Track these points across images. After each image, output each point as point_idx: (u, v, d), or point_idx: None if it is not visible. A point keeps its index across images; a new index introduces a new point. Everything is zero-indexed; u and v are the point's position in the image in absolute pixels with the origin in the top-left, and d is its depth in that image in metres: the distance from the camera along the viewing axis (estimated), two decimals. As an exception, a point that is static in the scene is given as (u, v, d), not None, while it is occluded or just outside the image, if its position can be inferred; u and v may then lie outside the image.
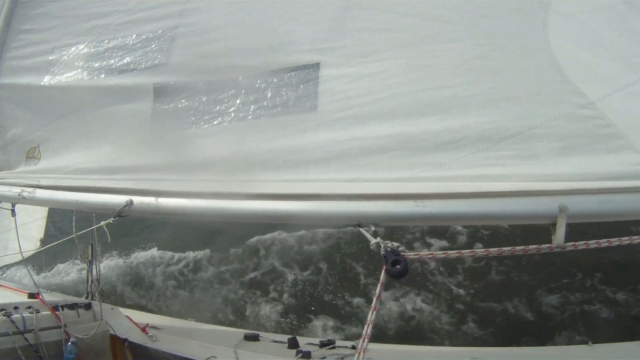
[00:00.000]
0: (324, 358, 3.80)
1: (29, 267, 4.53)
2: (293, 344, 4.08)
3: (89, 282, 5.28)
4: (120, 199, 3.50)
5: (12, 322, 3.93)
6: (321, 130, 3.04)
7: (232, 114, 3.40)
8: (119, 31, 4.17)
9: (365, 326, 2.43)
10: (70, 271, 10.51)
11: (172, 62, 3.80)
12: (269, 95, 3.31)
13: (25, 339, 3.93)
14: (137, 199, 3.43)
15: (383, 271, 2.39)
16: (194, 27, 3.83)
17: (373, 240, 2.53)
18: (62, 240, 4.63)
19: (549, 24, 2.81)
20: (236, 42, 3.62)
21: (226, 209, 3.12)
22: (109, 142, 3.93)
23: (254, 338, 4.32)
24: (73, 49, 4.31)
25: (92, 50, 4.21)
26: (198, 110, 3.56)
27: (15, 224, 4.52)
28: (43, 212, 6.94)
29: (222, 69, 3.58)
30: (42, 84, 4.34)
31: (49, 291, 5.14)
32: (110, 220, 3.61)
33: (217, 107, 3.47)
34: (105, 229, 3.68)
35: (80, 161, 3.98)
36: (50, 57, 4.39)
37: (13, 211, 4.40)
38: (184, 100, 3.66)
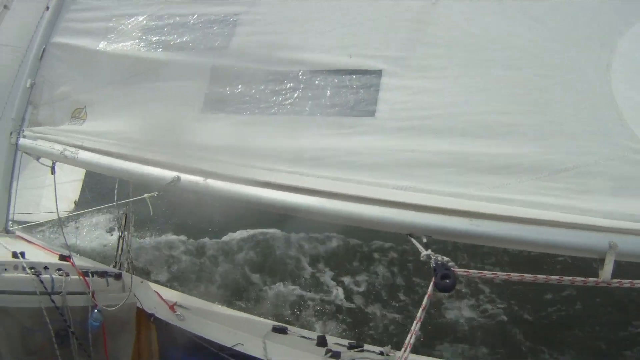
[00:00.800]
0: None
1: (62, 228, 4.54)
2: (322, 342, 4.09)
3: (119, 252, 5.27)
4: (167, 174, 3.58)
5: (41, 282, 3.98)
6: (378, 136, 3.09)
7: (289, 107, 3.46)
8: (180, 9, 4.24)
9: (409, 336, 2.48)
10: (100, 239, 10.48)
11: (232, 46, 3.85)
12: (328, 94, 3.36)
13: (52, 300, 3.97)
14: (185, 176, 3.52)
15: (432, 284, 2.44)
16: (257, 16, 3.88)
17: (424, 252, 2.58)
18: (103, 206, 4.66)
19: (612, 65, 2.86)
20: (299, 38, 3.67)
21: (273, 199, 3.18)
22: (159, 116, 3.99)
23: (282, 331, 4.33)
24: (132, 19, 4.39)
25: (152, 23, 4.28)
26: (254, 97, 3.61)
27: (54, 182, 4.53)
28: (80, 174, 6.93)
29: (283, 61, 3.62)
30: (97, 48, 4.43)
31: (80, 255, 5.15)
32: (155, 193, 3.68)
33: (274, 98, 3.52)
34: (148, 202, 3.73)
35: (126, 129, 4.05)
36: (108, 24, 4.48)
37: (53, 169, 4.48)
38: (240, 86, 3.71)
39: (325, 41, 3.57)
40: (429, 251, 2.58)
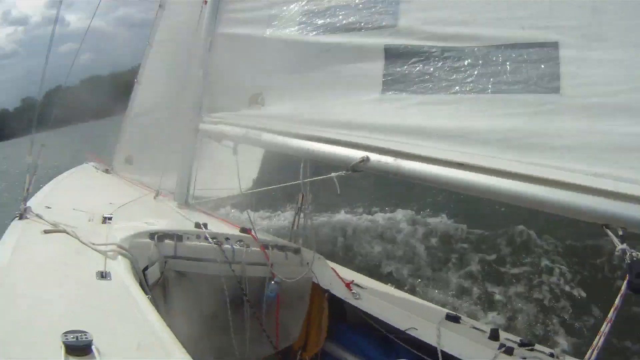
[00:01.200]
0: (524, 359, 3.72)
1: (245, 203, 4.97)
2: (494, 336, 4.02)
3: (294, 228, 5.49)
4: (356, 154, 3.75)
5: (222, 251, 4.23)
6: (565, 115, 3.02)
7: (471, 85, 3.47)
8: None
9: (597, 337, 2.40)
10: (279, 217, 10.99)
11: (400, 25, 3.88)
12: (508, 69, 3.34)
13: (232, 269, 4.22)
14: (374, 156, 3.66)
15: (625, 282, 2.29)
16: (419, -8, 3.89)
17: (619, 246, 2.41)
18: (283, 184, 4.92)
19: None
20: (467, 12, 3.65)
21: (469, 181, 3.23)
22: (337, 98, 4.18)
23: (456, 320, 4.31)
24: (293, 4, 4.59)
25: (314, 7, 4.45)
26: (434, 76, 3.65)
27: (237, 162, 4.90)
28: (259, 155, 7.44)
29: (455, 36, 3.62)
30: (264, 36, 4.68)
31: (260, 229, 5.45)
32: (342, 172, 3.87)
33: (454, 76, 3.55)
34: (335, 181, 3.93)
35: (308, 112, 4.30)
36: (270, 12, 4.70)
37: (235, 149, 4.86)
38: (417, 65, 3.75)
39: (494, 14, 3.51)
40: (625, 245, 2.40)
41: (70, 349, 2.18)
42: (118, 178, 7.58)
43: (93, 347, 2.23)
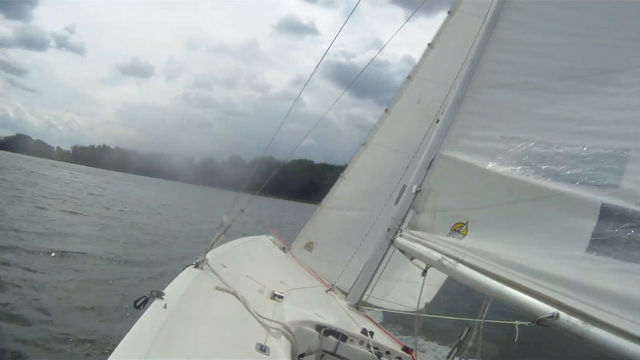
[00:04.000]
0: None
1: (416, 323, 4.92)
2: None
3: (451, 358, 5.33)
4: (546, 308, 3.61)
5: None
6: None
7: None
8: (570, 139, 4.28)
9: None
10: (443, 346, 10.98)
11: (623, 185, 3.79)
12: None
13: None
14: (564, 315, 3.50)
15: None
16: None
17: None
18: (460, 317, 4.83)
19: None
20: None
21: None
22: (540, 246, 4.06)
23: None
24: (521, 144, 4.57)
25: (542, 151, 4.41)
26: None
27: (423, 283, 4.84)
28: (440, 281, 7.45)
29: None
30: (486, 168, 4.69)
31: (425, 352, 5.40)
32: (527, 323, 3.70)
33: None
34: (517, 328, 3.75)
35: (506, 253, 4.18)
36: (498, 145, 4.72)
37: (425, 271, 4.81)
38: (629, 230, 3.59)
39: None
40: None
41: None
42: (293, 260, 7.89)
43: None
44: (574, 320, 3.43)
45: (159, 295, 3.19)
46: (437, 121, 5.56)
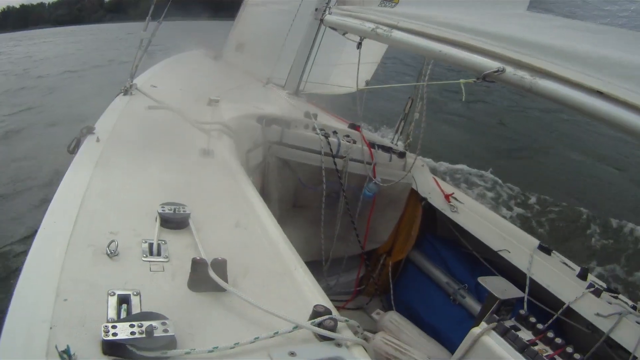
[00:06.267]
0: (610, 303, 3.55)
1: (358, 99, 4.82)
2: (583, 275, 3.88)
3: (398, 133, 5.52)
4: (491, 63, 3.49)
5: (328, 143, 4.31)
6: None
7: (625, 19, 3.18)
8: None
9: None
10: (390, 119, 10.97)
11: None
12: None
13: (334, 162, 4.29)
14: (510, 68, 3.40)
15: None
16: None
17: None
18: (404, 84, 4.79)
19: None
20: None
21: (601, 110, 2.98)
22: (479, 8, 3.95)
23: (547, 251, 4.20)
24: None
25: None
26: (586, 2, 3.40)
27: (359, 56, 4.61)
28: (377, 57, 7.23)
29: None
30: None
31: (369, 128, 5.41)
32: (472, 80, 3.65)
33: (608, 7, 3.27)
34: (462, 88, 3.70)
35: (444, 15, 4.00)
36: None
37: (359, 44, 4.61)
38: None
39: None
40: None
41: (165, 221, 2.19)
42: (227, 65, 7.64)
43: (190, 221, 2.24)
44: (521, 73, 3.36)
45: (90, 130, 3.08)
46: None
